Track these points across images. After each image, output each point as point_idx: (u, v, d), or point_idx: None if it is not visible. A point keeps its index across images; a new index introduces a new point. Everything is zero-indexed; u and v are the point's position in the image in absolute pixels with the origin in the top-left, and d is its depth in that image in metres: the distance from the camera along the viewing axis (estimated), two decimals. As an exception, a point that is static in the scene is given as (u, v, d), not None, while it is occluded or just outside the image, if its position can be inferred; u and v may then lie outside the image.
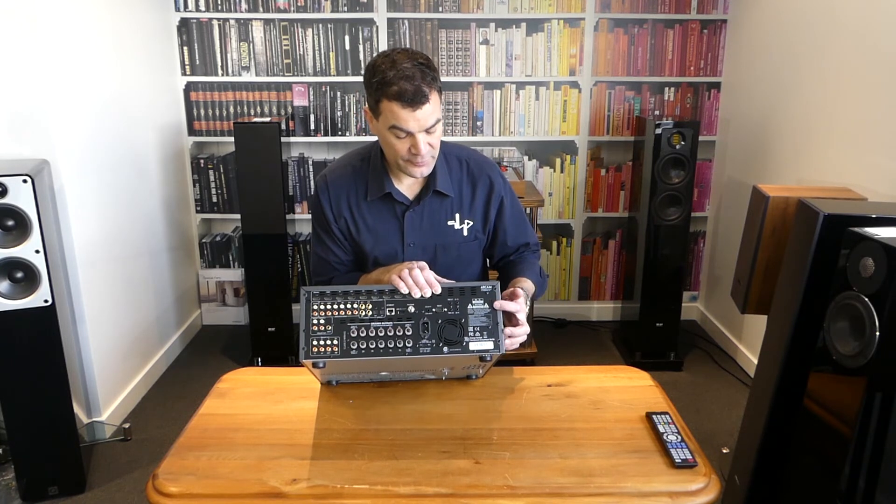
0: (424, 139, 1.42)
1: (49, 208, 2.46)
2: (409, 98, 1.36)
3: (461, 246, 1.63)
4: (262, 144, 3.04)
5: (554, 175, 3.72)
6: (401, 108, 1.37)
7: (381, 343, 1.27)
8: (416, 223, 1.59)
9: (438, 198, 1.58)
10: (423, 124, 1.40)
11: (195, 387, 3.12)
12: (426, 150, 1.43)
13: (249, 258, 3.20)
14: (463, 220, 1.61)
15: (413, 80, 1.36)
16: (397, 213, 1.58)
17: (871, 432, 1.41)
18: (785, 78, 2.96)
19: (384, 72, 1.37)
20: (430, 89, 1.38)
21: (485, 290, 1.30)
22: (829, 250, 1.63)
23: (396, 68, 1.37)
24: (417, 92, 1.36)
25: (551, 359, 3.40)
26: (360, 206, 1.58)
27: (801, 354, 1.74)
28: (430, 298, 1.29)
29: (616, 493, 1.21)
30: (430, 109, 1.39)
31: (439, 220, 1.59)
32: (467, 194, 1.61)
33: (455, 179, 1.59)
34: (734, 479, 2.03)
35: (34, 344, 2.20)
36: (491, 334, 1.28)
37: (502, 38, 3.55)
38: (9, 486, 2.35)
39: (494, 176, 1.63)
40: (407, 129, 1.40)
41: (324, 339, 1.27)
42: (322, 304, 1.27)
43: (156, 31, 3.36)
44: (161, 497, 1.22)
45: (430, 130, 1.42)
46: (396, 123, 1.40)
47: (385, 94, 1.38)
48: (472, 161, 1.62)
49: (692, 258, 3.85)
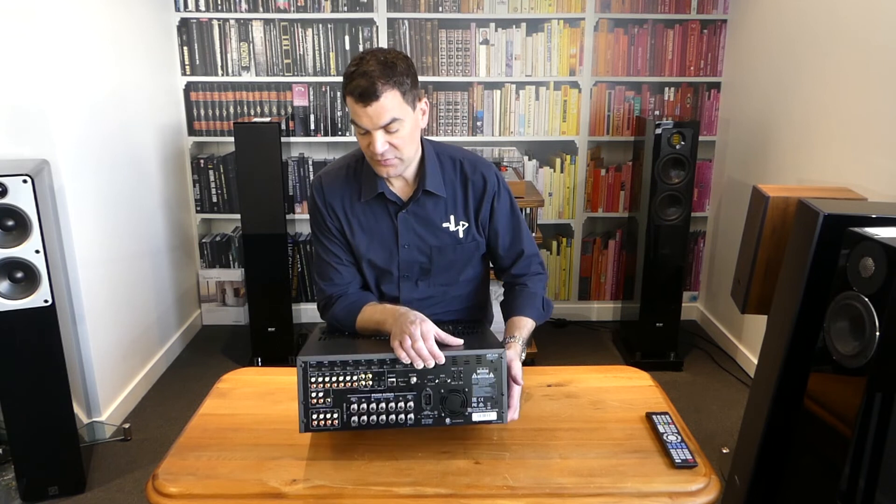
0: (383, 137, 1.42)
1: (49, 208, 2.46)
2: (360, 93, 1.37)
3: (457, 248, 1.61)
4: (262, 144, 3.04)
5: (554, 175, 3.72)
6: (354, 103, 1.39)
7: (382, 415, 1.25)
8: (410, 224, 1.57)
9: (432, 199, 1.57)
10: (375, 121, 1.40)
11: (195, 387, 3.12)
12: (383, 149, 1.42)
13: (249, 258, 3.20)
14: (458, 221, 1.59)
15: (369, 77, 1.36)
16: (391, 213, 1.57)
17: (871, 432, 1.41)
18: (785, 78, 2.96)
19: (349, 68, 1.41)
20: (384, 87, 1.37)
21: (491, 358, 1.25)
22: (829, 250, 1.62)
23: (360, 66, 1.38)
24: (369, 88, 1.36)
25: (551, 359, 3.40)
26: (354, 206, 1.57)
27: (801, 354, 1.74)
28: (433, 368, 1.25)
29: (616, 493, 1.21)
30: (382, 106, 1.38)
31: (433, 221, 1.58)
32: (461, 195, 1.59)
33: (448, 180, 1.58)
34: (734, 479, 2.03)
35: (34, 344, 2.20)
36: (495, 405, 1.26)
37: (502, 38, 3.55)
38: (9, 486, 2.35)
39: (488, 174, 1.60)
40: (361, 125, 1.41)
41: (323, 411, 1.24)
42: (320, 376, 1.23)
43: (156, 31, 3.36)
44: (161, 497, 1.22)
45: (389, 129, 1.41)
46: (353, 118, 1.43)
47: (346, 89, 1.41)
48: (466, 161, 1.60)
49: (692, 258, 3.85)
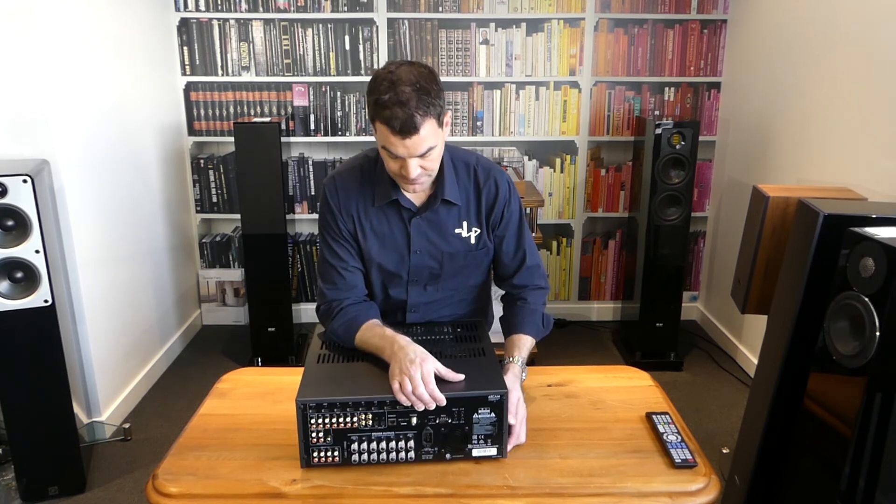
0: (416, 163, 1.38)
1: (49, 208, 2.46)
2: (399, 126, 1.31)
3: (468, 255, 1.60)
4: (262, 144, 3.04)
5: (554, 175, 3.72)
6: (391, 134, 1.33)
7: (382, 453, 1.26)
8: (423, 231, 1.55)
9: (446, 206, 1.54)
10: (412, 152, 1.36)
11: (195, 387, 3.12)
12: (416, 174, 1.39)
13: (249, 258, 3.20)
14: (470, 227, 1.57)
15: (406, 108, 1.30)
16: (404, 219, 1.55)
17: (871, 432, 1.41)
18: (785, 78, 2.96)
19: (381, 92, 1.32)
20: (423, 118, 1.31)
21: (493, 399, 1.23)
22: (829, 250, 1.63)
23: (394, 90, 1.30)
24: (408, 121, 1.30)
25: (551, 359, 3.40)
26: (368, 210, 1.55)
27: (801, 354, 1.74)
28: (433, 408, 1.23)
29: (616, 493, 1.21)
30: (421, 138, 1.34)
31: (446, 228, 1.56)
32: (474, 201, 1.57)
33: (462, 187, 1.55)
34: (734, 479, 2.03)
35: (34, 344, 2.20)
36: (495, 441, 1.26)
37: (502, 38, 3.55)
38: (9, 486, 2.35)
39: (501, 182, 1.58)
40: (397, 153, 1.36)
41: (323, 449, 1.25)
42: (320, 417, 1.22)
43: (156, 31, 3.36)
44: (161, 497, 1.22)
45: (423, 155, 1.38)
46: (386, 145, 1.37)
47: (378, 116, 1.33)
48: (479, 167, 1.58)
49: (692, 258, 3.85)
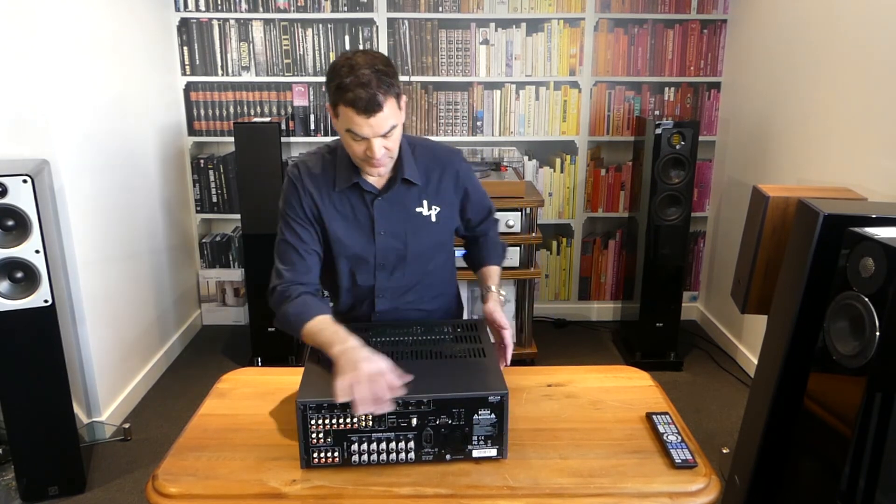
0: (380, 143, 1.45)
1: (49, 208, 2.46)
2: (364, 106, 1.38)
3: (431, 231, 1.67)
4: (262, 144, 3.04)
5: (554, 175, 3.72)
6: (355, 115, 1.39)
7: (382, 454, 1.26)
8: (386, 211, 1.63)
9: (406, 186, 1.62)
10: (377, 130, 1.42)
11: (195, 387, 3.12)
12: (381, 154, 1.46)
13: (249, 258, 3.20)
14: (430, 206, 1.65)
15: (368, 88, 1.37)
16: (367, 201, 1.62)
17: (871, 432, 1.41)
18: (785, 78, 2.96)
19: (342, 77, 1.39)
20: (385, 96, 1.39)
21: (493, 400, 1.23)
22: (829, 250, 1.63)
23: (354, 73, 1.38)
24: (372, 100, 1.38)
25: (551, 359, 3.40)
26: (331, 195, 1.62)
27: (801, 354, 1.74)
28: (433, 410, 1.23)
29: (616, 493, 1.21)
30: (384, 116, 1.41)
31: (408, 207, 1.63)
32: (434, 181, 1.65)
33: (421, 168, 1.64)
34: (734, 479, 2.03)
35: (34, 344, 2.20)
36: (496, 442, 1.26)
37: (502, 38, 3.55)
38: (9, 486, 2.35)
39: (459, 164, 1.70)
40: (361, 134, 1.43)
41: (323, 450, 1.25)
42: (320, 418, 1.23)
43: (156, 31, 3.36)
44: (161, 497, 1.22)
45: (385, 135, 1.45)
46: (351, 128, 1.43)
47: (342, 98, 1.40)
48: (437, 150, 1.69)
49: (692, 258, 3.85)
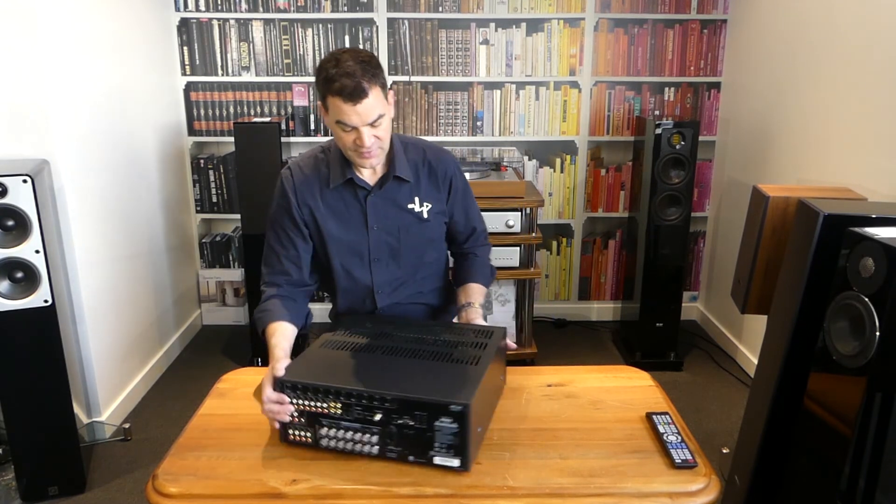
0: (369, 132, 1.50)
1: (49, 208, 2.46)
2: (349, 93, 1.43)
3: (423, 227, 1.72)
4: (262, 144, 3.04)
5: (554, 175, 3.72)
6: (343, 103, 1.45)
7: (349, 443, 1.28)
8: (379, 207, 1.67)
9: (398, 182, 1.67)
10: (364, 118, 1.47)
11: (195, 387, 3.12)
12: (371, 143, 1.51)
13: (249, 258, 3.20)
14: (422, 202, 1.70)
15: (353, 77, 1.43)
16: (360, 198, 1.67)
17: (871, 432, 1.41)
18: (785, 78, 2.96)
19: (328, 70, 1.45)
20: (370, 84, 1.45)
21: (454, 409, 1.20)
22: (829, 250, 1.63)
23: (340, 66, 1.44)
24: (357, 87, 1.43)
25: (551, 359, 3.40)
26: (325, 193, 1.67)
27: (801, 354, 1.74)
28: (396, 408, 1.23)
29: (616, 493, 1.21)
30: (371, 104, 1.46)
31: (400, 202, 1.68)
32: (424, 178, 1.70)
33: (412, 165, 1.69)
34: (734, 479, 2.03)
35: (34, 344, 2.20)
36: (458, 452, 1.23)
37: (502, 38, 3.55)
38: (9, 486, 2.35)
39: (448, 163, 1.75)
40: (350, 123, 1.48)
41: (298, 428, 1.31)
42: (295, 396, 1.29)
43: (156, 31, 3.36)
44: (161, 497, 1.22)
45: (374, 124, 1.50)
46: (340, 118, 1.48)
47: (329, 90, 1.46)
48: (429, 150, 1.74)
49: (692, 258, 3.85)
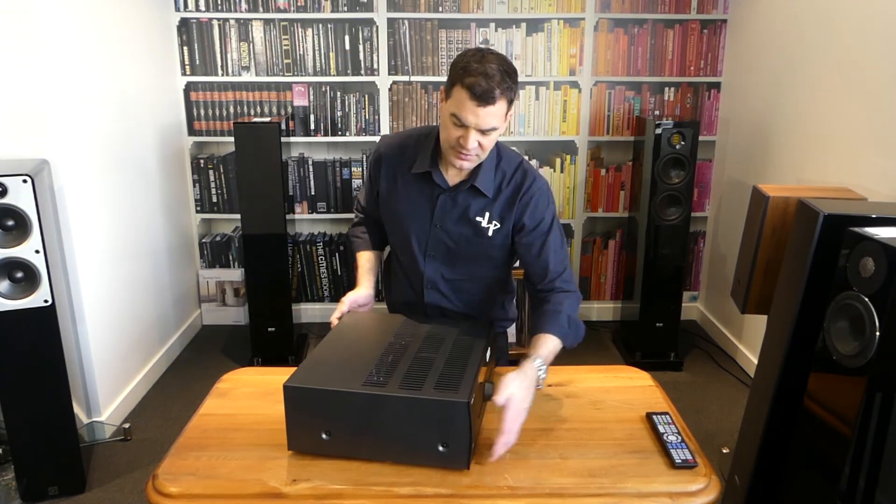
0: (475, 137, 1.46)
1: (49, 208, 2.46)
2: (480, 93, 1.40)
3: (483, 242, 1.65)
4: (262, 144, 3.04)
5: (554, 175, 3.72)
6: (468, 99, 1.42)
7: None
8: (447, 208, 1.64)
9: (474, 193, 1.62)
10: (480, 123, 1.44)
11: (195, 387, 3.12)
12: (473, 147, 1.47)
13: (249, 258, 3.20)
14: (491, 220, 1.63)
15: (491, 80, 1.40)
16: (433, 194, 1.64)
17: (871, 432, 1.41)
18: (785, 78, 2.96)
19: (470, 62, 1.43)
20: (501, 94, 1.42)
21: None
22: (829, 250, 1.63)
23: (483, 63, 1.41)
24: (489, 91, 1.40)
25: (551, 359, 3.40)
26: (405, 176, 1.65)
27: (801, 354, 1.74)
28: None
29: (616, 493, 1.21)
30: (493, 112, 1.43)
31: (468, 212, 1.63)
32: (506, 197, 1.62)
33: (497, 182, 1.62)
34: (734, 479, 2.03)
35: (34, 344, 2.20)
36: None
37: (502, 38, 3.55)
38: (9, 486, 2.35)
39: (538, 191, 1.62)
40: (465, 121, 1.44)
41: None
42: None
43: (156, 31, 3.36)
44: (161, 497, 1.22)
45: (485, 132, 1.46)
46: (458, 112, 1.44)
47: (462, 81, 1.42)
48: (526, 175, 1.63)
49: (692, 258, 3.85)
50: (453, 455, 1.24)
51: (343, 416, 1.27)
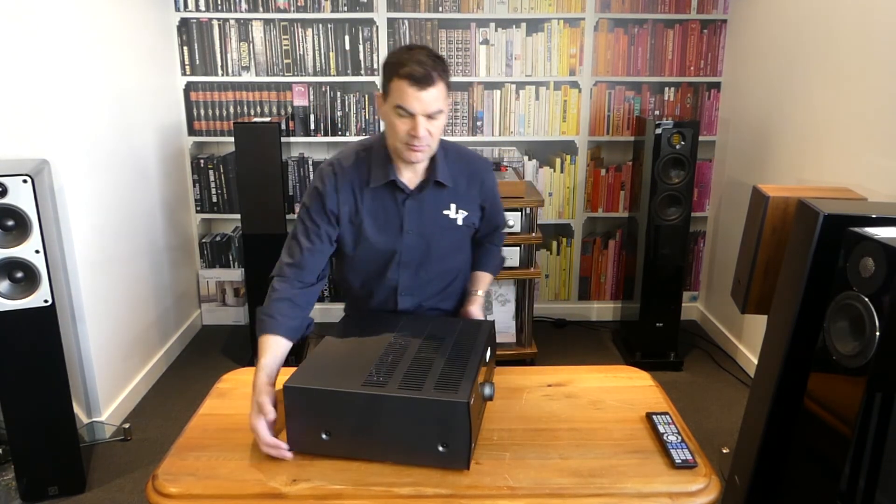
0: (424, 124, 1.50)
1: (49, 208, 2.46)
2: (418, 78, 1.45)
3: (454, 234, 1.72)
4: (262, 144, 3.04)
5: (554, 175, 3.72)
6: (408, 87, 1.46)
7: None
8: (416, 211, 1.66)
9: (437, 188, 1.66)
10: (425, 107, 1.48)
11: (195, 387, 3.12)
12: (424, 135, 1.50)
13: (249, 258, 3.20)
14: (458, 209, 1.70)
15: (425, 65, 1.46)
16: (398, 201, 1.65)
17: (871, 432, 1.41)
18: (785, 78, 2.96)
19: (400, 55, 1.49)
20: (438, 77, 1.48)
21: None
22: (829, 250, 1.63)
23: (412, 54, 1.48)
24: (426, 75, 1.46)
25: (551, 359, 3.40)
26: (364, 192, 1.65)
27: (801, 354, 1.74)
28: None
29: (616, 493, 1.21)
30: (434, 94, 1.48)
31: (436, 208, 1.68)
32: (462, 186, 1.70)
33: (452, 172, 1.68)
34: (734, 479, 2.03)
35: (34, 344, 2.20)
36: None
37: (502, 38, 3.55)
38: (9, 486, 2.35)
39: (486, 174, 1.76)
40: (410, 109, 1.48)
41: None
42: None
43: (156, 31, 3.36)
44: (161, 497, 1.22)
45: (431, 116, 1.50)
46: (401, 103, 1.48)
47: (397, 73, 1.47)
48: (469, 158, 1.74)
49: (692, 258, 3.85)
50: (453, 455, 1.24)
51: (343, 416, 1.27)
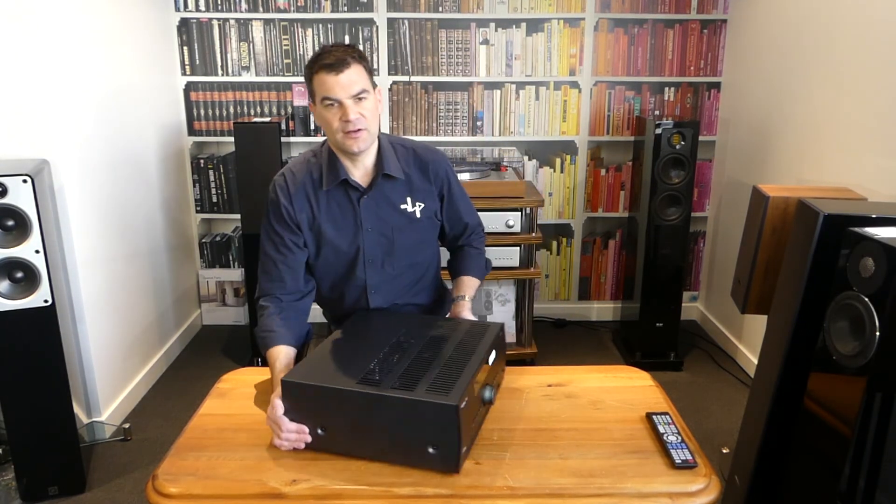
0: (353, 107, 1.55)
1: (49, 208, 2.46)
2: (332, 64, 1.52)
3: (415, 228, 1.73)
4: (262, 144, 3.04)
5: (554, 175, 3.72)
6: (325, 76, 1.53)
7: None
8: (372, 208, 1.69)
9: (390, 182, 1.70)
10: (347, 90, 1.53)
11: (195, 387, 3.12)
12: (355, 117, 1.55)
13: (249, 258, 3.19)
14: (415, 202, 1.72)
15: (335, 53, 1.54)
16: (353, 200, 1.68)
17: (871, 432, 1.41)
18: (785, 78, 2.96)
19: (315, 56, 1.57)
20: (352, 59, 1.54)
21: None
22: (829, 250, 1.63)
23: (323, 50, 1.56)
24: (341, 60, 1.53)
25: (551, 359, 3.40)
26: (318, 196, 1.68)
27: (801, 354, 1.74)
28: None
29: (616, 493, 1.21)
30: (353, 76, 1.54)
31: (393, 203, 1.70)
32: (416, 178, 1.73)
33: (402, 164, 1.72)
34: (734, 479, 2.03)
35: (34, 344, 2.20)
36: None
37: (502, 38, 3.55)
38: (9, 486, 2.35)
39: (440, 162, 1.77)
40: (334, 96, 1.54)
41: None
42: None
43: (156, 31, 3.36)
44: (161, 498, 1.22)
45: (359, 97, 1.55)
46: (325, 94, 1.54)
47: (313, 68, 1.56)
48: (419, 149, 1.76)
49: (692, 258, 3.85)
50: (443, 458, 1.24)
51: (337, 413, 1.28)
